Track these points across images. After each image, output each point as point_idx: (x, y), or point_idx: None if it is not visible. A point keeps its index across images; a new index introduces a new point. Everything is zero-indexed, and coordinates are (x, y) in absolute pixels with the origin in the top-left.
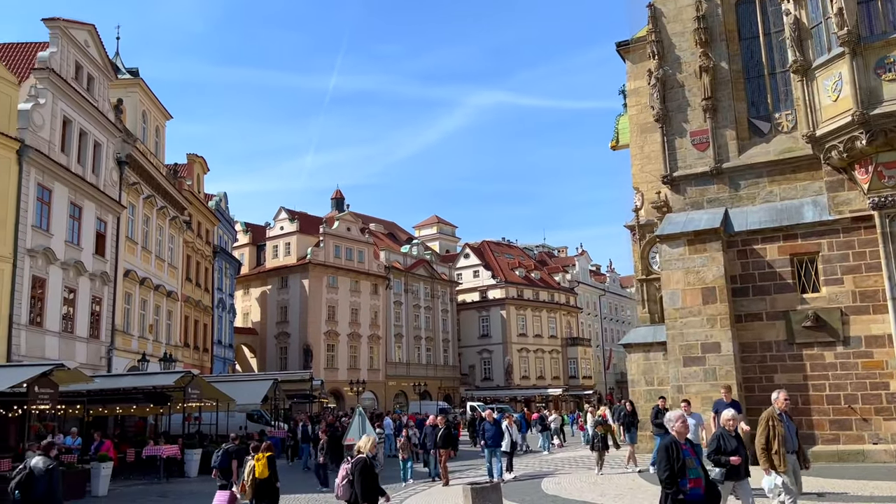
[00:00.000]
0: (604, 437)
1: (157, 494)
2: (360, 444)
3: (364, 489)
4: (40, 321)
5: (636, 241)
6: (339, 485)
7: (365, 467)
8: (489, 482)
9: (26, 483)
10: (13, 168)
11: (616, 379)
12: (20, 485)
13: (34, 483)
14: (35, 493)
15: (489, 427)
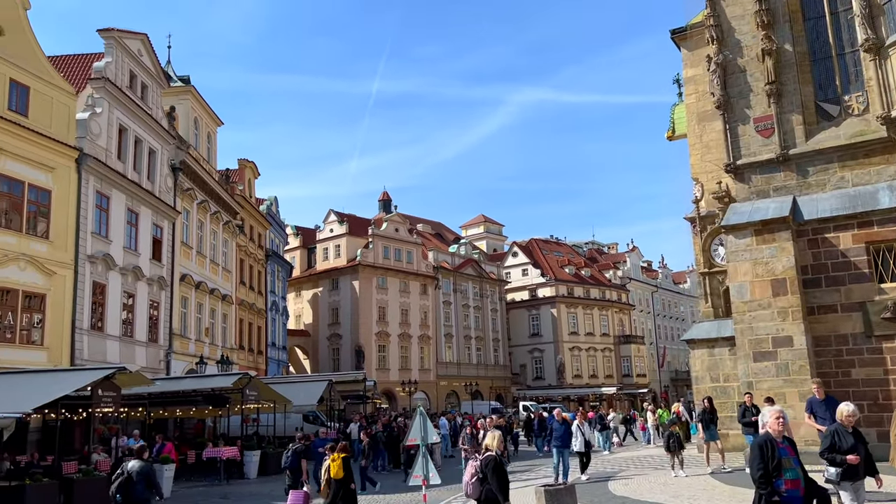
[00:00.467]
0: (679, 437)
1: (218, 496)
2: (487, 441)
3: (500, 486)
4: (101, 326)
5: (696, 233)
6: (469, 483)
7: (497, 464)
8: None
9: (125, 485)
10: (72, 176)
11: (671, 377)
12: (120, 487)
13: (132, 485)
14: (133, 494)
15: (558, 426)
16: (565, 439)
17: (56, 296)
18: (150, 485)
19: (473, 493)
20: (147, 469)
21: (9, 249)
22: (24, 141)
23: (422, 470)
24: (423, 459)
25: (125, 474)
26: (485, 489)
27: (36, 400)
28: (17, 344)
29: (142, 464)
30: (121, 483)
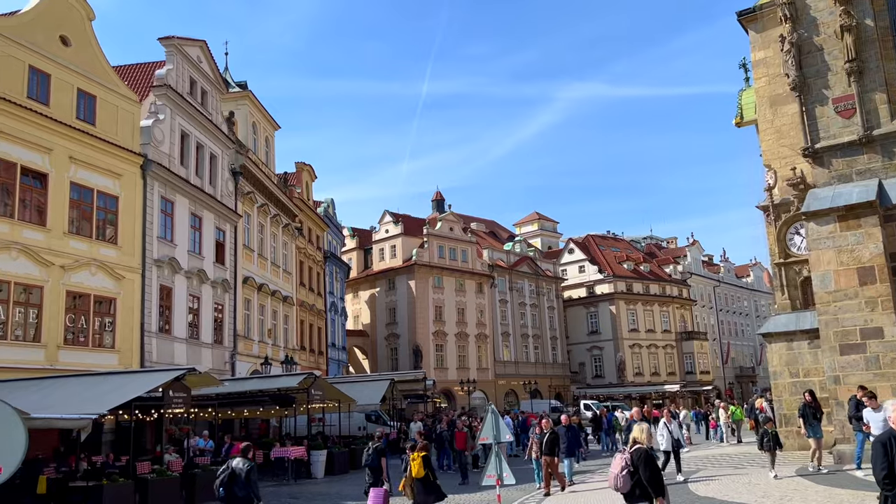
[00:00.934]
0: (775, 435)
1: (287, 496)
2: (634, 434)
3: (653, 478)
4: (168, 329)
5: (770, 222)
6: (619, 476)
7: (649, 457)
8: (613, 489)
9: (229, 482)
10: (138, 182)
11: (735, 374)
12: (224, 483)
13: (236, 482)
14: (237, 490)
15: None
16: None
17: (125, 299)
18: (250, 483)
19: (623, 487)
20: (250, 467)
21: (80, 255)
22: (92, 149)
23: (495, 469)
24: (497, 459)
25: (230, 470)
26: (633, 483)
27: (111, 401)
28: (89, 347)
29: (246, 462)
30: (224, 479)
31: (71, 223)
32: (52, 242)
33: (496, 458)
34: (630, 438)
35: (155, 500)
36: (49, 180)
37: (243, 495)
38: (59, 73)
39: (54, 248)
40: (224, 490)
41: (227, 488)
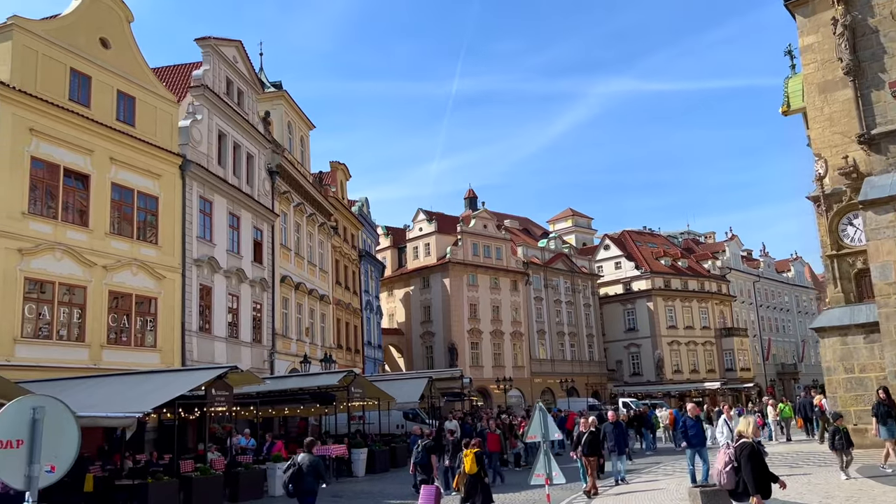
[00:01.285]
0: (846, 433)
1: (329, 495)
2: (740, 427)
3: (755, 475)
4: (208, 328)
5: (821, 213)
6: (723, 472)
7: (753, 452)
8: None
9: (296, 476)
10: (177, 182)
11: (777, 370)
12: (292, 478)
13: (302, 476)
14: (304, 484)
15: (692, 423)
16: (700, 437)
17: (166, 299)
18: (318, 476)
19: (728, 483)
20: (316, 462)
21: (122, 255)
22: (132, 150)
23: (544, 468)
24: (546, 457)
25: (296, 466)
26: (739, 479)
27: (155, 399)
28: (132, 347)
29: (311, 457)
30: (292, 474)
31: (112, 224)
32: (94, 243)
33: (545, 456)
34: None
35: (199, 498)
36: (91, 181)
37: (309, 489)
38: (99, 75)
39: (97, 249)
40: (292, 485)
41: (294, 483)
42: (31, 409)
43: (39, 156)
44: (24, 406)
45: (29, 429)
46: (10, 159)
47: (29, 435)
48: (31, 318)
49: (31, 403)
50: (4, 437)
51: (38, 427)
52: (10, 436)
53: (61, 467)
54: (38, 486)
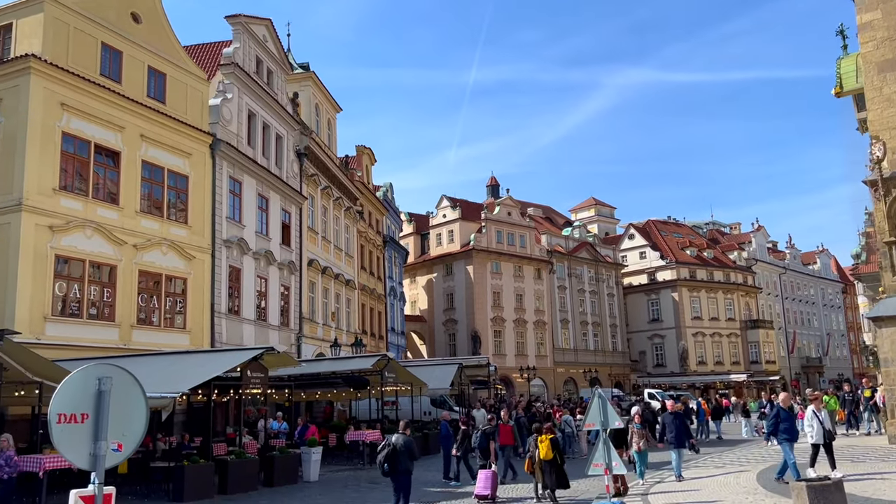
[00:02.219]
0: None
1: (367, 481)
2: None
3: None
4: (237, 310)
5: (879, 197)
6: None
7: None
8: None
9: (391, 456)
10: (207, 161)
11: (801, 364)
12: (388, 458)
13: (397, 456)
14: (399, 464)
15: (785, 415)
16: (791, 431)
17: (196, 280)
18: (412, 455)
19: None
20: (409, 442)
21: (152, 234)
22: (162, 127)
23: (603, 458)
24: (605, 447)
25: (391, 446)
26: None
27: (190, 380)
28: (161, 327)
29: (405, 437)
30: (387, 454)
31: (142, 202)
32: (124, 221)
33: (604, 445)
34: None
35: (234, 481)
36: (121, 158)
37: (404, 468)
38: (130, 51)
39: (127, 227)
40: (388, 464)
41: (390, 462)
42: (97, 380)
43: (70, 131)
44: (89, 376)
45: (94, 401)
46: (41, 134)
47: (94, 408)
48: (61, 296)
49: (98, 373)
50: (67, 410)
51: (105, 400)
52: (73, 409)
53: (129, 445)
54: (104, 467)
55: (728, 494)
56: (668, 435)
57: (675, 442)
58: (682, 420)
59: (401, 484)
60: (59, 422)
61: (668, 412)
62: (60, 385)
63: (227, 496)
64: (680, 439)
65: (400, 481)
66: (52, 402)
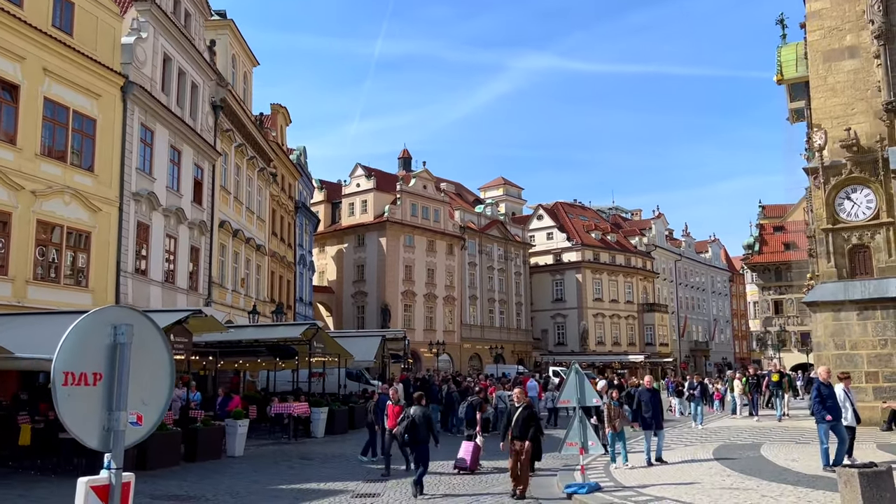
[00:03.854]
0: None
1: (297, 456)
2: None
3: None
4: (145, 270)
5: (818, 185)
6: None
7: None
8: (873, 465)
9: (410, 428)
10: (118, 105)
11: (690, 347)
12: (407, 429)
13: (417, 427)
14: (418, 435)
15: (827, 392)
16: (835, 410)
17: (101, 234)
18: (429, 426)
19: None
20: (427, 413)
21: (53, 181)
22: (69, 62)
23: (578, 436)
24: (581, 425)
25: (410, 418)
26: None
27: None
28: (61, 284)
29: (423, 409)
30: (407, 426)
31: (43, 144)
32: (22, 164)
33: (580, 423)
34: None
35: (154, 455)
36: (21, 93)
37: (423, 438)
38: None
39: (25, 171)
40: (408, 435)
41: (410, 433)
42: (111, 328)
43: None
44: (101, 321)
45: (108, 357)
46: None
47: (108, 366)
48: None
49: (111, 318)
50: (76, 368)
51: (123, 355)
52: (82, 365)
53: (151, 417)
54: (122, 446)
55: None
56: (644, 414)
57: (653, 422)
58: (658, 398)
59: (420, 454)
60: (66, 383)
61: (645, 388)
62: (67, 332)
63: (147, 471)
64: (658, 420)
65: (419, 451)
66: (56, 355)
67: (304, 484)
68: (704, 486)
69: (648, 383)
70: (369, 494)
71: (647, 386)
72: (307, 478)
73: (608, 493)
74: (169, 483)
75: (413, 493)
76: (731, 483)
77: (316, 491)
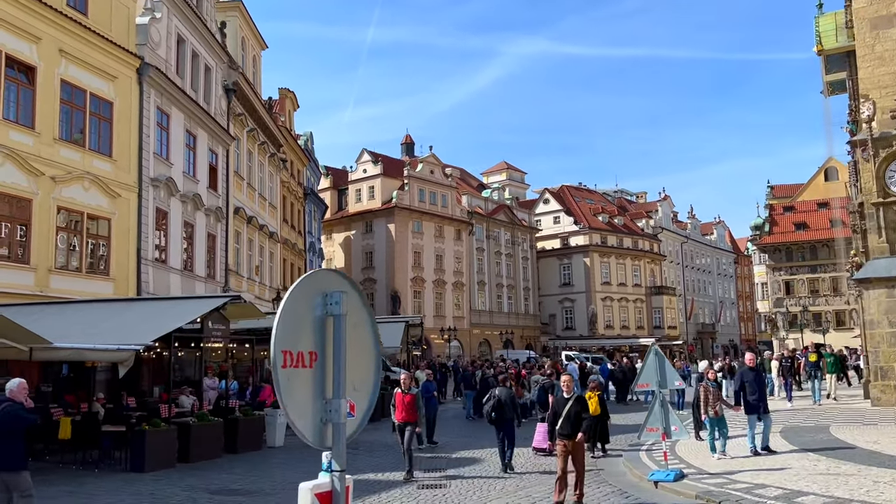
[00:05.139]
0: None
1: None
2: None
3: None
4: (164, 258)
5: (867, 158)
6: None
7: None
8: None
9: (497, 407)
10: (134, 88)
11: (697, 329)
12: (493, 408)
13: (503, 407)
14: (505, 414)
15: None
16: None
17: (121, 221)
18: (514, 406)
19: None
20: (512, 394)
21: (73, 166)
22: (84, 43)
23: (660, 421)
24: (662, 409)
25: (496, 398)
26: None
27: (150, 331)
28: (83, 274)
29: (507, 390)
30: (493, 405)
31: (62, 128)
32: (41, 149)
33: (661, 408)
34: None
35: (198, 448)
36: (37, 75)
37: (509, 417)
38: None
39: (44, 156)
40: (495, 414)
41: (497, 413)
42: (322, 296)
43: None
44: (311, 288)
45: (319, 331)
46: None
47: (320, 343)
48: None
49: (324, 284)
50: (292, 346)
51: (339, 329)
52: (297, 343)
53: (362, 406)
54: (344, 442)
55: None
56: (749, 397)
57: (759, 405)
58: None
59: (506, 431)
60: (285, 364)
61: (748, 367)
62: (283, 302)
63: (190, 464)
64: (765, 402)
65: (505, 429)
66: (274, 329)
67: (359, 475)
68: (798, 471)
69: (751, 361)
70: (435, 486)
71: (749, 364)
72: (360, 468)
73: (698, 481)
74: (219, 476)
75: (502, 468)
76: (827, 468)
77: (377, 482)
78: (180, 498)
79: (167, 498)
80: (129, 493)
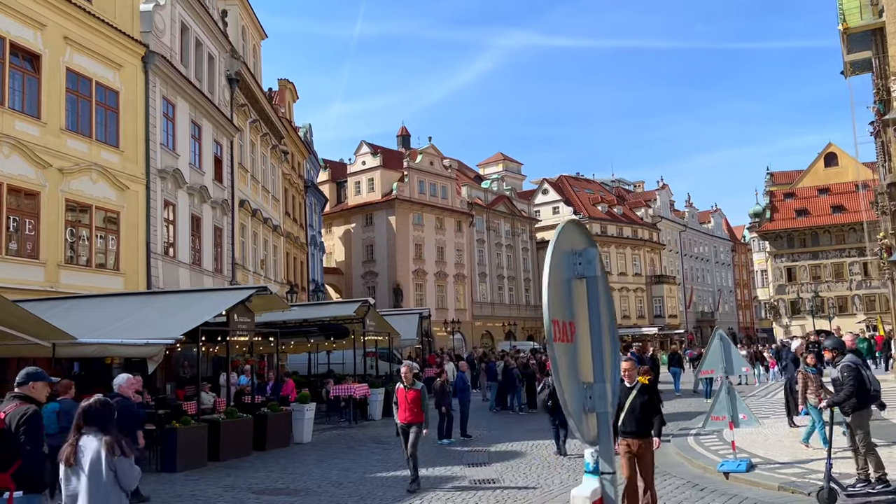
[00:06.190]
0: None
1: (370, 440)
2: None
3: None
4: (173, 252)
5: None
6: None
7: None
8: None
9: (553, 396)
10: (139, 76)
11: (697, 318)
12: (549, 396)
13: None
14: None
15: None
16: None
17: (129, 214)
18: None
19: None
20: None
21: (80, 158)
22: (89, 30)
23: (727, 409)
24: (729, 396)
25: (550, 387)
26: None
27: (177, 325)
28: (93, 268)
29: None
30: (549, 394)
31: (68, 118)
32: (48, 140)
33: (728, 395)
34: None
35: (228, 445)
36: (42, 63)
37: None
38: None
39: (51, 147)
40: (551, 402)
41: (553, 400)
42: (571, 254)
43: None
44: (565, 245)
45: (567, 297)
46: None
47: (571, 312)
48: None
49: (574, 240)
50: (559, 316)
51: (595, 294)
52: (562, 312)
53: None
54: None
55: None
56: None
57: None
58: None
59: (561, 418)
60: (556, 337)
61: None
62: (547, 260)
63: (220, 462)
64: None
65: (560, 416)
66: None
67: (400, 471)
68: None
69: (851, 342)
70: (487, 480)
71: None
72: (399, 464)
73: (772, 471)
74: (256, 475)
75: (558, 452)
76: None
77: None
78: (225, 499)
79: (211, 500)
80: (171, 496)
